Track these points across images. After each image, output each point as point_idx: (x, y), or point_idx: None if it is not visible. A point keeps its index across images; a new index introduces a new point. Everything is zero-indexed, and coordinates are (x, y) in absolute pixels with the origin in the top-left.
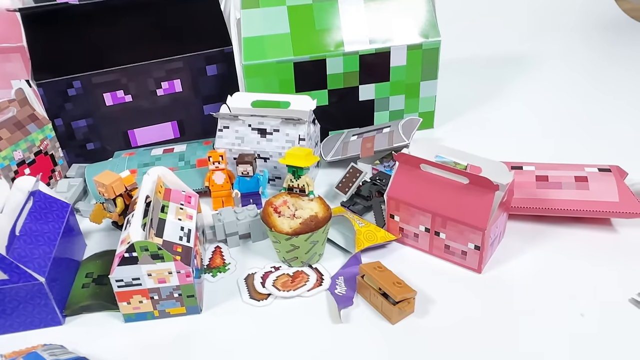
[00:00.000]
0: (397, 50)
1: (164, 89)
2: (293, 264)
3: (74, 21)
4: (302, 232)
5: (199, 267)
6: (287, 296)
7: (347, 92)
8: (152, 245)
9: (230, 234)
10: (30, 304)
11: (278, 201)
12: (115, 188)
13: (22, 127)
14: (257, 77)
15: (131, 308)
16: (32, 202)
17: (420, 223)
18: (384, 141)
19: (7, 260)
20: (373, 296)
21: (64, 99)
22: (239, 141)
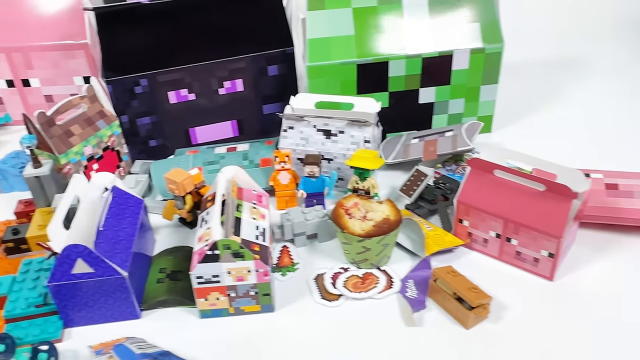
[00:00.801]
0: (460, 53)
1: (226, 88)
2: (362, 265)
3: (144, 20)
4: (374, 234)
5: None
6: (358, 297)
7: (407, 94)
8: (235, 244)
9: (298, 233)
10: (111, 297)
11: (349, 203)
12: (185, 185)
13: (92, 123)
14: (320, 78)
15: (208, 304)
16: (111, 197)
17: (491, 228)
18: (447, 145)
19: (94, 255)
20: (447, 300)
21: (131, 96)
22: (303, 142)
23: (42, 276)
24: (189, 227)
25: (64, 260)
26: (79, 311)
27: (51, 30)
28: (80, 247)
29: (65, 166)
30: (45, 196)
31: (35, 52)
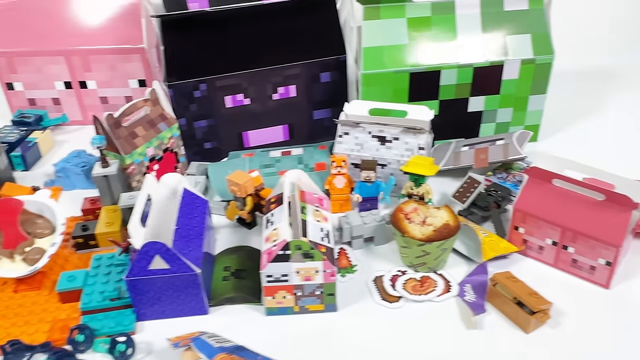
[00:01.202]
0: (511, 64)
1: (280, 93)
2: (420, 269)
3: (206, 27)
4: (435, 239)
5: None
6: (418, 300)
7: (456, 103)
8: (306, 245)
9: (355, 236)
10: (183, 293)
11: (408, 208)
12: (247, 187)
13: (155, 125)
14: (373, 86)
15: (275, 302)
16: (182, 197)
17: (548, 236)
18: (498, 153)
19: (171, 252)
20: (506, 305)
21: (190, 100)
22: (358, 147)
23: (113, 271)
24: (247, 228)
25: (143, 257)
26: (151, 305)
27: (109, 34)
28: (159, 245)
29: (129, 166)
30: (111, 195)
31: (93, 55)
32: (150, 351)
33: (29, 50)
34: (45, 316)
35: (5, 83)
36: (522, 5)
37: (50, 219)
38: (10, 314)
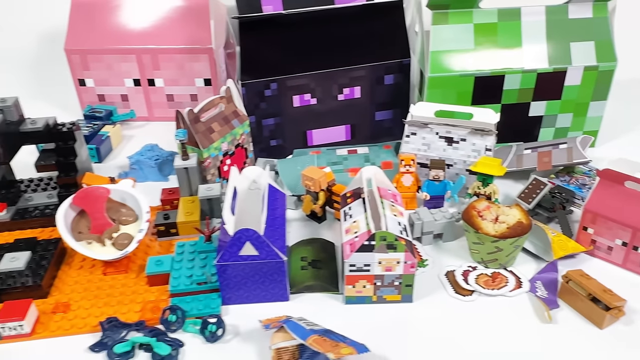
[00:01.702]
0: (574, 70)
1: (345, 94)
2: (491, 265)
3: (281, 29)
4: (509, 235)
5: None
6: (491, 294)
7: (518, 107)
8: (391, 236)
9: (426, 232)
10: (268, 279)
11: (481, 206)
12: (321, 182)
13: (229, 121)
14: (438, 88)
15: (354, 291)
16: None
17: (617, 237)
18: (562, 156)
19: (262, 239)
20: (580, 301)
21: (261, 98)
22: (425, 147)
23: (197, 258)
24: (317, 222)
25: (234, 243)
26: (237, 290)
27: (179, 35)
28: (251, 232)
29: (206, 160)
30: (189, 186)
31: (163, 54)
32: (237, 333)
33: (102, 48)
34: (135, 297)
35: (77, 79)
36: (586, 13)
37: (132, 207)
38: (102, 294)
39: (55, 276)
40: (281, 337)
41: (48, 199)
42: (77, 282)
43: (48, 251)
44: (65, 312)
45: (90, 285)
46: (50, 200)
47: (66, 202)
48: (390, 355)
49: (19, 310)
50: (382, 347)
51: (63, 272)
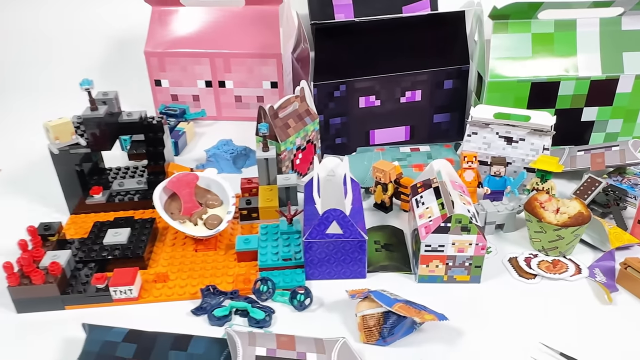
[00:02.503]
0: (626, 78)
1: (407, 97)
2: (551, 253)
3: (352, 35)
4: (571, 224)
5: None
6: (553, 278)
7: (571, 112)
8: (466, 219)
9: (489, 222)
10: (349, 257)
11: (543, 198)
12: (390, 174)
13: (302, 119)
14: (497, 92)
15: (427, 270)
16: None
17: None
18: (615, 158)
19: (347, 219)
20: (638, 285)
21: (330, 99)
22: (485, 146)
23: (280, 238)
24: (384, 212)
25: (322, 222)
26: (320, 266)
27: (250, 40)
28: (338, 212)
29: (283, 152)
30: (268, 176)
31: (234, 58)
32: (322, 304)
33: (179, 51)
34: (227, 271)
35: (154, 80)
36: (638, 25)
37: (217, 193)
38: (196, 267)
39: (152, 251)
40: (366, 305)
41: (137, 184)
42: (172, 257)
43: (145, 228)
44: (165, 281)
45: (184, 260)
46: (139, 186)
47: (160, 187)
48: (464, 328)
49: (128, 277)
50: (456, 320)
51: (158, 248)
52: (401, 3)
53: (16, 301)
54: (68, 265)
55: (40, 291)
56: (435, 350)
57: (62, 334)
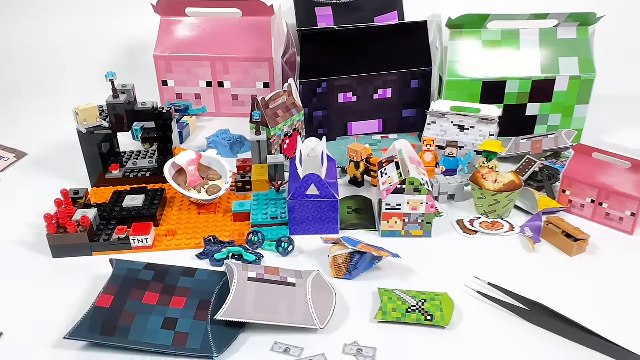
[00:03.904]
0: (561, 79)
1: (379, 94)
2: (491, 215)
3: (332, 40)
4: (505, 190)
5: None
6: (490, 234)
7: (517, 107)
8: (417, 181)
9: (442, 192)
10: (325, 215)
11: (484, 171)
12: (362, 153)
13: (289, 110)
14: (454, 90)
15: (388, 226)
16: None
17: (588, 196)
18: (550, 143)
19: (323, 182)
20: (556, 237)
21: (313, 94)
22: (442, 133)
23: (269, 203)
24: (357, 186)
25: (303, 184)
26: (301, 224)
27: (246, 46)
28: (316, 176)
29: (273, 137)
30: (259, 156)
31: (232, 62)
32: (302, 251)
33: (184, 55)
34: (225, 228)
35: (161, 80)
36: (571, 34)
37: (216, 169)
38: (200, 226)
39: (162, 215)
40: (336, 248)
41: (149, 164)
42: (179, 218)
43: (157, 196)
44: (174, 235)
45: (190, 221)
46: (150, 165)
47: (169, 163)
48: (414, 267)
49: (144, 228)
50: (408, 262)
51: (167, 212)
52: (374, 14)
53: (53, 247)
54: (95, 220)
55: (73, 239)
56: (390, 283)
57: (91, 274)
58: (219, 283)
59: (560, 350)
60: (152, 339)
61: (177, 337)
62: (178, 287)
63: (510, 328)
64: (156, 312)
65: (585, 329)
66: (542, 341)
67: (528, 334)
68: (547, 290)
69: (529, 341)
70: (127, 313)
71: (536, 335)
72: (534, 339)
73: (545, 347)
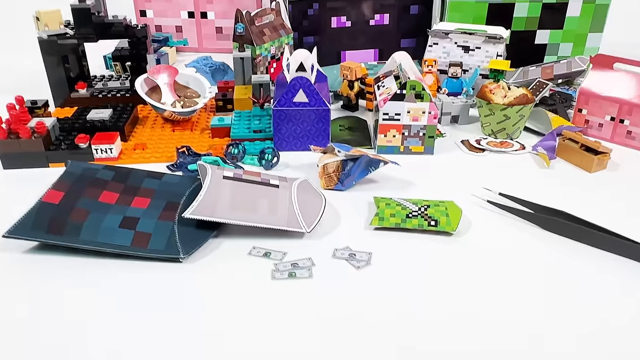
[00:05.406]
0: (574, 2)
1: (376, 20)
2: (499, 135)
3: None
4: (516, 103)
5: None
6: (499, 151)
7: (526, 35)
8: (419, 85)
9: (445, 113)
10: (314, 127)
11: (493, 85)
12: (357, 71)
13: (277, 30)
14: (457, 12)
15: (385, 141)
16: None
17: (607, 113)
18: (562, 68)
19: (312, 87)
20: (574, 153)
21: (304, 17)
22: (445, 55)
23: (252, 119)
24: (350, 111)
25: (290, 89)
26: (288, 137)
27: None
28: (304, 79)
29: (258, 57)
30: (243, 75)
31: None
32: (288, 165)
33: None
34: (202, 144)
35: (139, 10)
36: None
37: (195, 88)
38: (174, 141)
39: (132, 132)
40: (327, 157)
41: (121, 85)
42: (152, 134)
43: (126, 111)
44: (143, 149)
45: (163, 136)
46: (122, 86)
47: (141, 77)
48: (415, 181)
49: (108, 138)
50: (409, 174)
51: (138, 129)
52: None
53: (2, 156)
54: (53, 130)
55: (26, 146)
56: (388, 194)
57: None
58: (190, 186)
59: (579, 255)
60: (108, 238)
61: (137, 237)
62: (142, 188)
63: (525, 236)
64: (114, 211)
65: (610, 232)
66: (559, 247)
67: (545, 242)
68: (565, 203)
69: (546, 248)
70: (79, 210)
71: (554, 242)
72: (552, 245)
73: (563, 254)
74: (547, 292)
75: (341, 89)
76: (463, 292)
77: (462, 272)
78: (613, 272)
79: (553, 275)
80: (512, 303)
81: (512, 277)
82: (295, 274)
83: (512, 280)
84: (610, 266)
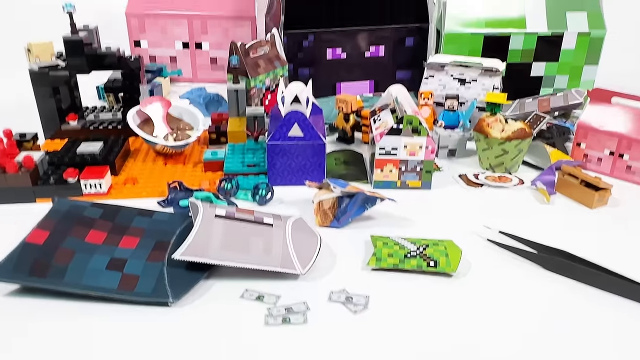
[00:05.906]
0: (569, 35)
1: (371, 52)
2: (497, 169)
3: None
4: (514, 138)
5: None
6: (497, 186)
7: (521, 67)
8: (416, 120)
9: (442, 146)
10: (309, 162)
11: (490, 119)
12: (352, 104)
13: (272, 62)
14: (452, 44)
15: (382, 175)
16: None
17: (606, 147)
18: (559, 101)
19: (307, 121)
20: (574, 188)
21: (299, 48)
22: (441, 87)
23: (246, 153)
24: (346, 143)
25: (284, 123)
26: (282, 171)
27: (227, 3)
28: (299, 114)
29: (252, 89)
30: (237, 107)
31: (211, 20)
32: (282, 201)
33: (158, 13)
34: (195, 179)
35: (134, 40)
36: None
37: (188, 121)
38: (166, 175)
39: (123, 165)
40: (322, 192)
41: (113, 116)
42: (143, 168)
43: (117, 144)
44: (134, 183)
45: (155, 170)
46: (114, 118)
47: (134, 109)
48: (414, 217)
49: (98, 172)
50: (406, 211)
51: (129, 163)
52: None
53: None
54: (41, 164)
55: (12, 180)
56: (385, 232)
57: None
58: (180, 224)
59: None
60: (93, 281)
61: (124, 280)
62: (131, 227)
63: (526, 275)
64: (101, 251)
65: (612, 272)
66: (560, 287)
67: (545, 281)
68: (566, 241)
69: (547, 288)
70: (63, 250)
71: (554, 281)
72: (553, 285)
73: (565, 293)
74: (549, 337)
75: (337, 122)
76: (465, 338)
77: (463, 317)
78: (613, 313)
79: (554, 318)
80: (516, 348)
81: (515, 321)
82: (290, 320)
83: (516, 325)
84: (610, 307)
